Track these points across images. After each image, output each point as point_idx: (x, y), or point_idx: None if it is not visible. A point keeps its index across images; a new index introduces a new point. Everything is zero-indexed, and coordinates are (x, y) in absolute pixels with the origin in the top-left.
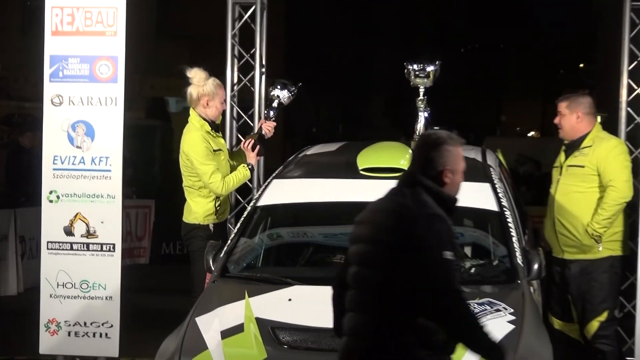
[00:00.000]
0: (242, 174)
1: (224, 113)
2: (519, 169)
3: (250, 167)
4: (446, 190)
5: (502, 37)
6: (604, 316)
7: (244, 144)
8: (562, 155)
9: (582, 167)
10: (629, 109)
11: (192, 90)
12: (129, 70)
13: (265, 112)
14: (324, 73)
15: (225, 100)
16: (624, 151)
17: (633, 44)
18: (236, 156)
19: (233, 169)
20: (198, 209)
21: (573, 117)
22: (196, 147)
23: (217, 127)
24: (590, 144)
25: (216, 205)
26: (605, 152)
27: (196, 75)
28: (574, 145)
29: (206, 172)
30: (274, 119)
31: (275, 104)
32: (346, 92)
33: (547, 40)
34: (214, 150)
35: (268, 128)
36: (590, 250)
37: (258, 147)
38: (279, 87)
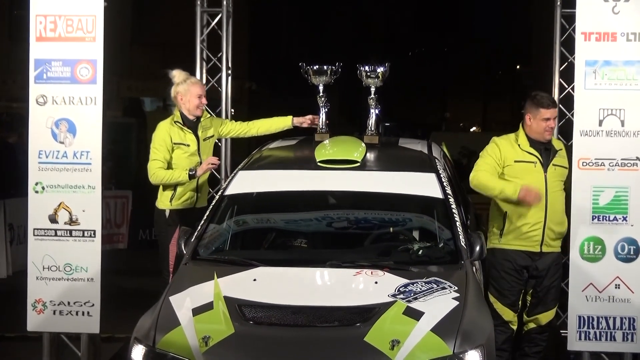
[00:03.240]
0: (177, 174)
1: None
2: (462, 160)
3: (192, 172)
4: None
5: (446, 42)
6: (556, 306)
7: (209, 162)
8: (536, 153)
9: (565, 168)
10: (560, 105)
11: (171, 89)
12: (107, 73)
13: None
14: (285, 74)
15: (202, 95)
16: None
17: (563, 47)
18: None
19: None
20: (160, 195)
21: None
22: (155, 134)
23: (194, 124)
24: (560, 147)
25: (174, 193)
26: (567, 156)
27: (175, 75)
28: (550, 146)
29: (150, 157)
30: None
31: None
32: (305, 92)
33: (487, 44)
34: (175, 143)
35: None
36: (559, 245)
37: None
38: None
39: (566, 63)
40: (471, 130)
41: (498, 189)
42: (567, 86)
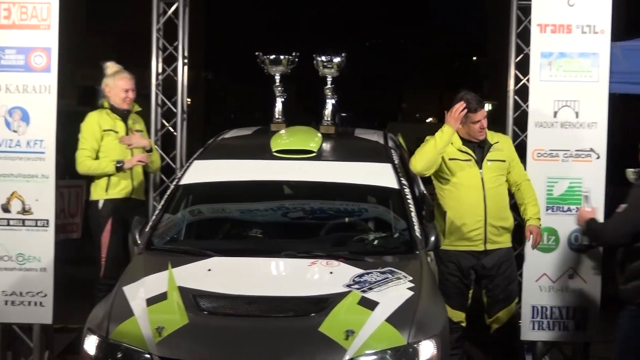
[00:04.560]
0: (104, 165)
1: (149, 100)
2: None
3: (119, 165)
4: None
5: (403, 33)
6: (516, 300)
7: (137, 158)
8: (469, 151)
9: (504, 161)
10: (516, 97)
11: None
12: (61, 61)
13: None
14: (242, 63)
15: (130, 90)
16: None
17: (519, 39)
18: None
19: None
20: (94, 187)
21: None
22: (84, 124)
23: (124, 114)
24: (496, 140)
25: (109, 182)
26: (511, 148)
27: (107, 67)
28: (485, 142)
29: (78, 147)
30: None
31: None
32: (262, 81)
33: (444, 36)
34: (105, 130)
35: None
36: (507, 240)
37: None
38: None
39: (522, 55)
40: (427, 120)
41: (432, 142)
42: (522, 78)
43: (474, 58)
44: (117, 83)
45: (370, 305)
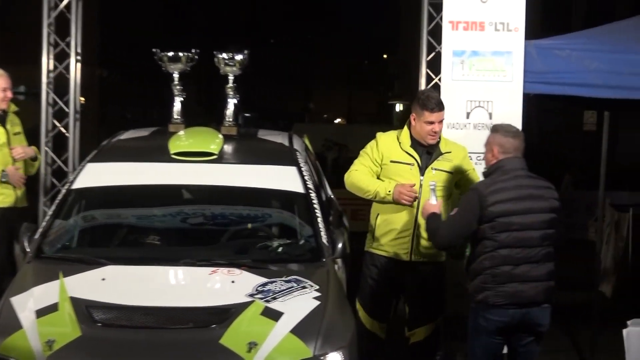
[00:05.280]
0: None
1: (39, 99)
2: (326, 153)
3: (4, 179)
4: None
5: (311, 30)
6: (439, 319)
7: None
8: (415, 154)
9: (451, 173)
10: None
11: None
12: None
13: None
14: (139, 60)
15: (7, 89)
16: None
17: (431, 36)
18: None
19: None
20: None
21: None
22: None
23: (2, 117)
24: (449, 149)
25: None
26: (465, 160)
27: None
28: (435, 149)
29: None
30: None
31: None
32: (160, 79)
33: (353, 33)
34: None
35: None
36: (439, 254)
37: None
38: None
39: (433, 53)
40: (335, 121)
41: (372, 190)
42: (434, 77)
43: (385, 56)
44: None
45: (274, 315)
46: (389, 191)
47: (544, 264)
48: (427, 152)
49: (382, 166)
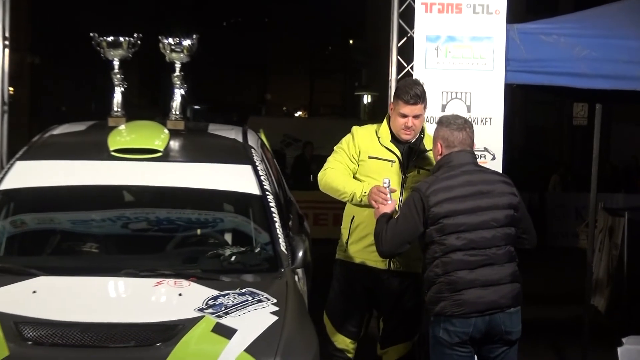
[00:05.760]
0: None
1: None
2: (285, 150)
3: None
4: None
5: (268, 11)
6: (415, 338)
7: None
8: (396, 150)
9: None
10: None
11: None
12: None
13: None
14: (75, 46)
15: None
16: None
17: (402, 20)
18: None
19: None
20: None
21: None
22: None
23: None
24: (431, 147)
25: None
26: None
27: None
28: (418, 144)
29: None
30: None
31: None
32: (99, 67)
33: (315, 16)
34: None
35: None
36: (418, 265)
37: None
38: None
39: (405, 38)
40: (296, 115)
41: (348, 191)
42: (406, 65)
43: (350, 42)
44: None
45: (227, 333)
46: (365, 192)
47: (504, 265)
48: (410, 147)
49: (360, 163)
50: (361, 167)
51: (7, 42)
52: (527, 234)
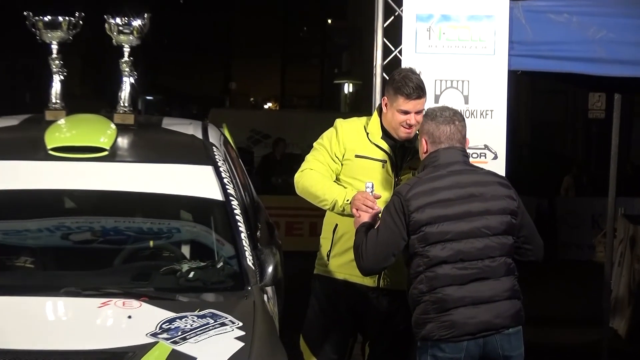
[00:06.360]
0: None
1: None
2: (252, 148)
3: None
4: None
5: None
6: None
7: None
8: (387, 149)
9: None
10: (385, 74)
11: None
12: None
13: None
14: (6, 27)
15: None
16: None
17: None
18: None
19: None
20: None
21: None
22: None
23: None
24: None
25: None
26: None
27: None
28: (411, 142)
29: None
30: None
31: None
32: (35, 51)
33: None
34: None
35: None
36: (404, 281)
37: None
38: None
39: (392, 17)
40: (265, 107)
41: (330, 198)
42: (393, 49)
43: (329, 22)
44: None
45: None
46: (347, 200)
47: (499, 279)
48: (402, 146)
49: (344, 162)
50: (346, 168)
51: None
52: (530, 244)
